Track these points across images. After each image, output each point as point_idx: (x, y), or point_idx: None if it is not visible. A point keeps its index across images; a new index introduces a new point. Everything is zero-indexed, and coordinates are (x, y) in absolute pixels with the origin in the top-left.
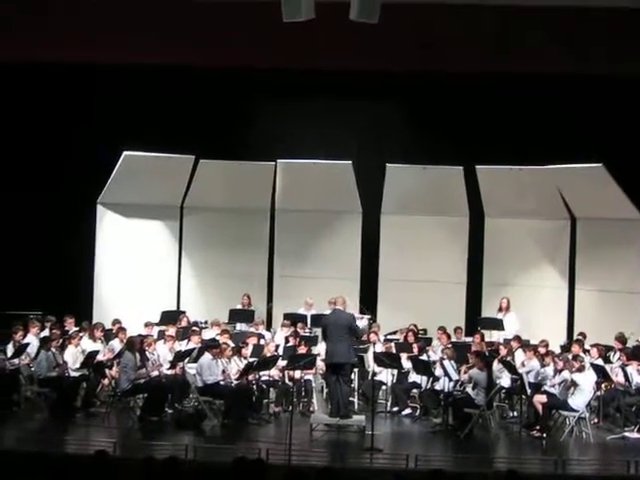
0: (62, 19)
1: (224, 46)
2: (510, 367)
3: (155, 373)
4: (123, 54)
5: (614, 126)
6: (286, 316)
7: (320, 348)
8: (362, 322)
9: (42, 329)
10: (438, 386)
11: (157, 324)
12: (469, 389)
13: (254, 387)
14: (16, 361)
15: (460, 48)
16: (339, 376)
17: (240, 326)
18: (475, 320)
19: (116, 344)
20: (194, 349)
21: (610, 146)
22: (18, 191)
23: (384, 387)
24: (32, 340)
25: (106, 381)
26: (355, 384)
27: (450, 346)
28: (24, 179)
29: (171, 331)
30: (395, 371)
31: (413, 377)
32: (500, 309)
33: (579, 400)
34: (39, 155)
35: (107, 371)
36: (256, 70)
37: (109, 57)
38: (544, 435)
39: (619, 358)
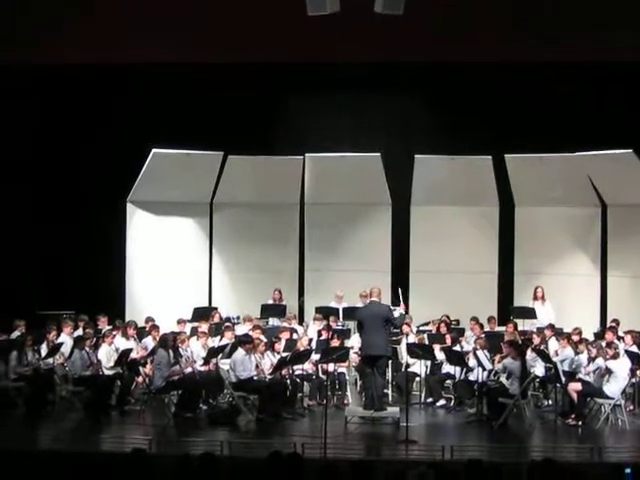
0: (95, 20)
1: (251, 42)
2: (544, 356)
3: (189, 370)
4: (152, 53)
5: None
6: (318, 310)
7: (353, 341)
8: (396, 313)
9: (75, 328)
10: (472, 376)
11: (189, 321)
12: (503, 379)
13: (288, 381)
14: (50, 361)
15: (487, 37)
16: (374, 368)
17: (272, 321)
18: (508, 309)
19: (149, 342)
20: (227, 345)
21: None
22: (48, 191)
23: (418, 379)
24: (66, 340)
25: (140, 379)
26: (389, 376)
27: (483, 336)
28: (54, 178)
29: (204, 327)
30: (428, 362)
31: (447, 368)
32: (535, 298)
33: (614, 387)
34: (69, 154)
35: (141, 369)
36: (283, 65)
37: (138, 56)
38: (579, 423)
39: None
